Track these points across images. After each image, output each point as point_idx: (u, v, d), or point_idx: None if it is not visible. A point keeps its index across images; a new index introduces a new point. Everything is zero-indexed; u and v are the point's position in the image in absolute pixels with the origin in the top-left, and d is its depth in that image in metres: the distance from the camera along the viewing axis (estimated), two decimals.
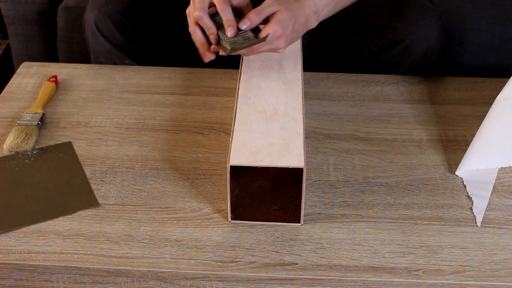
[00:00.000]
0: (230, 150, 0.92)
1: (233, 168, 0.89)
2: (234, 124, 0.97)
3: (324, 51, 1.43)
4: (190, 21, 1.07)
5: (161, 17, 1.39)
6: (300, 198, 0.91)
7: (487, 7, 1.54)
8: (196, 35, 1.06)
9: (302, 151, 0.91)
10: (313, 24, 1.12)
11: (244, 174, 0.90)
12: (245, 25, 1.04)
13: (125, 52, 1.35)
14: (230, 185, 0.91)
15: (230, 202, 0.92)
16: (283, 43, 1.07)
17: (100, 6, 1.33)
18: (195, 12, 1.04)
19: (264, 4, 1.06)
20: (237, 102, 1.03)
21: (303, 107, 1.01)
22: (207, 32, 1.05)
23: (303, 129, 0.96)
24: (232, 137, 0.94)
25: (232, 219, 0.94)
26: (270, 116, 0.99)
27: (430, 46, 1.29)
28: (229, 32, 1.02)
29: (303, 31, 1.11)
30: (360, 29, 1.35)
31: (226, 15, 1.03)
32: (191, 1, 1.07)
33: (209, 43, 1.07)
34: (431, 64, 1.31)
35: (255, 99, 1.04)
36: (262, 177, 0.90)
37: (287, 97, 1.04)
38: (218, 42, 1.05)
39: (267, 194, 0.91)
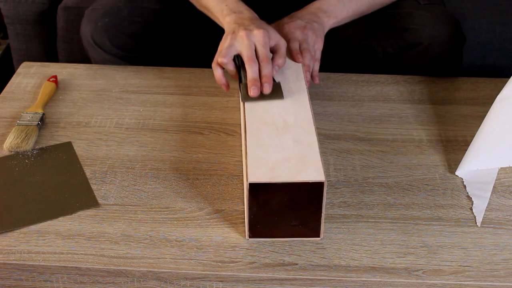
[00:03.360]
0: (247, 166, 0.89)
1: (252, 186, 0.86)
2: (245, 139, 0.94)
3: (337, 53, 1.43)
4: (215, 60, 1.11)
5: (159, 28, 1.38)
6: (320, 212, 0.88)
7: (487, 7, 1.54)
8: (217, 73, 1.11)
9: (320, 164, 0.89)
10: (324, 20, 1.22)
11: (263, 191, 0.86)
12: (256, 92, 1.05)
13: (124, 60, 1.35)
14: (248, 203, 0.87)
15: (248, 220, 0.89)
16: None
17: (96, 19, 1.32)
18: (220, 58, 1.08)
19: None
20: (244, 116, 1.00)
21: (313, 117, 0.99)
22: (230, 74, 1.12)
23: (317, 140, 0.94)
24: (246, 153, 0.92)
25: (250, 237, 0.91)
26: (281, 128, 0.96)
27: (448, 50, 1.30)
28: (252, 92, 1.03)
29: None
30: (376, 31, 1.35)
31: (252, 73, 1.04)
32: (220, 44, 1.11)
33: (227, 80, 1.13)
34: (446, 67, 1.32)
35: (262, 111, 1.01)
36: (281, 193, 0.87)
37: (295, 108, 1.01)
38: (240, 81, 1.09)
39: (286, 210, 0.88)
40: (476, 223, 0.95)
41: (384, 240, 0.92)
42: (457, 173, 1.04)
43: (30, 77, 1.28)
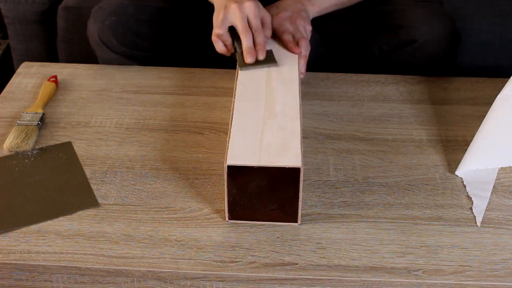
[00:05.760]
0: (228, 149, 0.92)
1: (230, 168, 0.89)
2: (231, 124, 0.97)
3: (333, 50, 1.43)
4: (213, 33, 1.18)
5: (165, 26, 1.38)
6: (298, 197, 0.91)
7: (487, 7, 1.54)
8: (218, 45, 1.19)
9: (299, 151, 0.91)
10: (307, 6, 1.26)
11: (242, 174, 0.90)
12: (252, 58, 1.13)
13: (132, 59, 1.35)
14: (227, 185, 0.90)
15: (228, 202, 0.92)
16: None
17: (103, 18, 1.32)
18: (216, 30, 1.17)
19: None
20: (234, 102, 1.03)
21: (300, 107, 1.01)
22: (225, 44, 1.18)
23: (301, 129, 0.96)
24: (229, 137, 0.94)
25: (229, 219, 0.94)
26: (267, 116, 0.99)
27: (443, 48, 1.30)
28: (249, 59, 1.12)
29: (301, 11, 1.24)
30: (372, 28, 1.36)
31: (247, 42, 1.13)
32: (214, 18, 1.18)
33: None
34: (441, 66, 1.32)
35: (252, 99, 1.04)
36: (259, 176, 0.90)
37: (284, 97, 1.04)
38: (235, 51, 1.16)
39: (264, 194, 0.91)
40: (476, 223, 0.95)
41: (384, 240, 0.92)
42: (457, 173, 1.04)
43: (30, 77, 1.28)
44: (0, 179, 1.02)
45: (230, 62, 1.27)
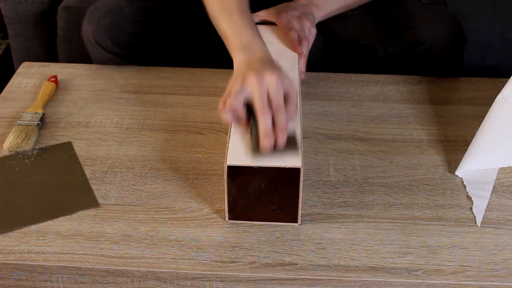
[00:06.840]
0: (228, 149, 0.92)
1: (230, 168, 0.89)
2: (231, 124, 0.97)
3: (338, 52, 1.43)
4: (223, 101, 0.94)
5: (160, 27, 1.38)
6: (298, 198, 0.91)
7: (487, 7, 1.54)
8: (227, 117, 0.94)
9: (299, 151, 0.91)
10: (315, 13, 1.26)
11: (241, 174, 0.90)
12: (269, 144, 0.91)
13: (125, 59, 1.35)
14: (227, 185, 0.91)
15: (228, 202, 0.92)
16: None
17: (98, 18, 1.32)
18: (230, 101, 0.93)
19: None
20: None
21: (300, 107, 1.01)
22: (239, 124, 0.95)
23: (301, 129, 0.96)
24: (229, 137, 0.94)
25: (229, 219, 0.94)
26: None
27: (448, 50, 1.30)
28: (266, 143, 0.90)
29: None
30: (377, 30, 1.36)
31: (265, 123, 0.90)
32: (228, 87, 0.96)
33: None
34: (447, 67, 1.32)
35: None
36: (259, 177, 0.90)
37: None
38: (250, 132, 0.94)
39: (264, 194, 0.91)
40: (476, 223, 0.95)
41: (384, 240, 0.92)
42: (457, 173, 1.04)
43: (30, 77, 1.28)
44: (0, 179, 1.02)
45: (230, 62, 1.27)
